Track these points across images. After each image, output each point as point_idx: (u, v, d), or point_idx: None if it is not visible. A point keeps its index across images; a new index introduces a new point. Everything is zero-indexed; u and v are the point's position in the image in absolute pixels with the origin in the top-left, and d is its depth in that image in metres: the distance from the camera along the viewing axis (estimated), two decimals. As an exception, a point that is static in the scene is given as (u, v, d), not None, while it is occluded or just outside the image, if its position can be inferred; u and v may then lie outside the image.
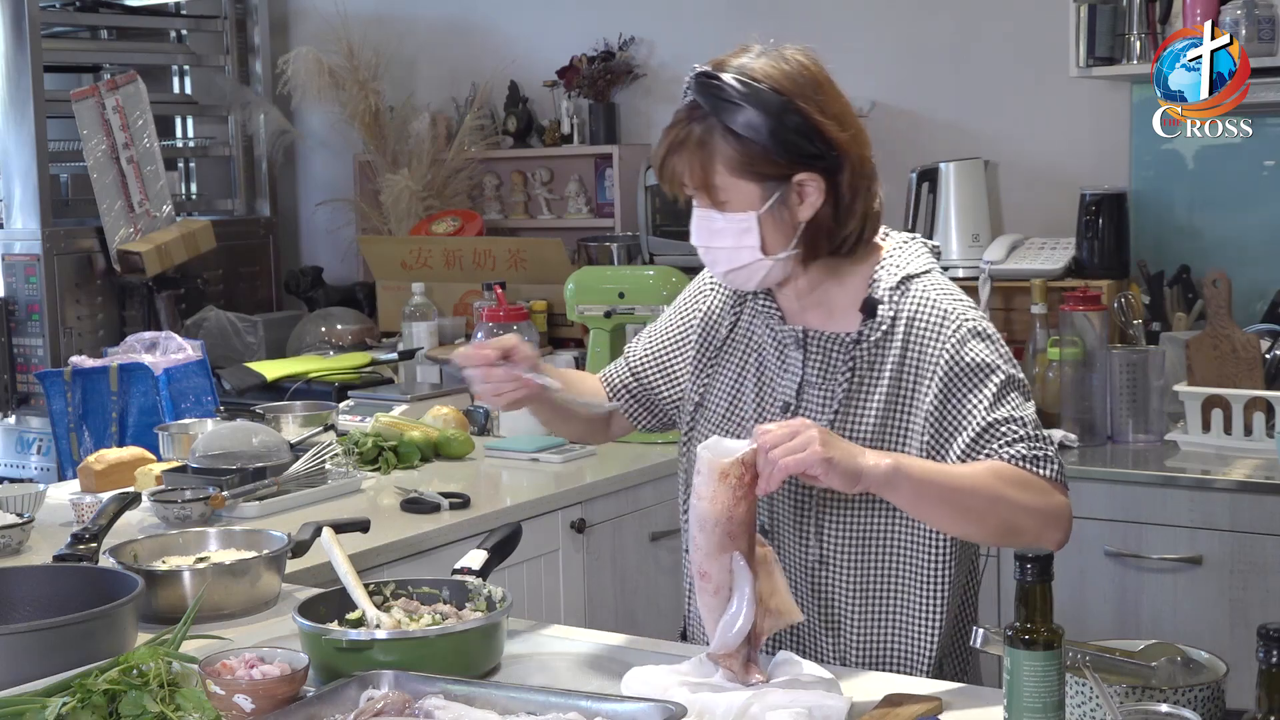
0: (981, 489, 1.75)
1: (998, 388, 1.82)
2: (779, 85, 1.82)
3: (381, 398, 3.74)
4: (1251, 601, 2.94)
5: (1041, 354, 3.49)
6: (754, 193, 1.83)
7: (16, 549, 2.48)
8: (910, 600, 1.89)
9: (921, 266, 1.94)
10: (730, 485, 1.66)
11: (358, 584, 1.88)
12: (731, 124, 1.80)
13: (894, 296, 1.89)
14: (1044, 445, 1.82)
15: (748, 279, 1.90)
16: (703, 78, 1.83)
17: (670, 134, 1.85)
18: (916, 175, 3.82)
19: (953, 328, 1.85)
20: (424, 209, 4.68)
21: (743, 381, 1.97)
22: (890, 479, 1.70)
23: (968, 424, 1.81)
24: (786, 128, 1.81)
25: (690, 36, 4.39)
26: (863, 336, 1.88)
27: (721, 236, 1.86)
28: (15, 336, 4.48)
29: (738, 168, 1.82)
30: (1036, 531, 1.78)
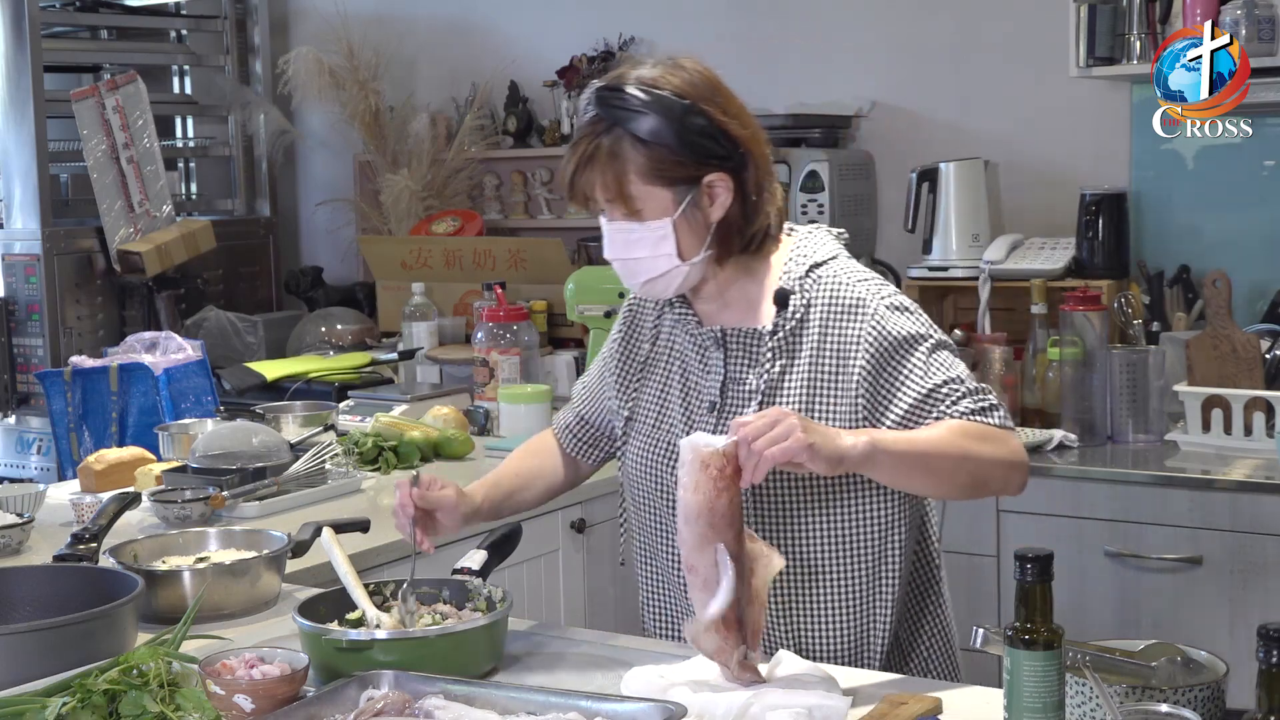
0: (949, 449, 1.81)
1: (927, 353, 1.89)
2: (680, 90, 1.86)
3: (381, 398, 3.74)
4: (1251, 601, 2.95)
5: (1041, 354, 3.49)
6: (667, 198, 1.86)
7: (16, 549, 2.48)
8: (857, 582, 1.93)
9: (828, 253, 1.98)
10: (711, 476, 1.66)
11: (358, 584, 1.89)
12: (639, 132, 1.83)
13: (804, 285, 1.93)
14: (985, 395, 1.88)
15: (666, 286, 1.93)
16: (604, 91, 1.87)
17: (577, 150, 1.87)
18: (916, 175, 3.82)
19: (870, 307, 1.90)
20: (424, 209, 4.68)
21: (668, 390, 2.01)
22: (870, 455, 1.74)
23: (905, 393, 1.86)
24: (692, 130, 1.85)
25: (690, 36, 4.39)
26: (778, 327, 1.92)
27: (638, 247, 1.89)
28: (15, 336, 4.48)
29: (649, 175, 1.85)
30: (1003, 479, 1.86)
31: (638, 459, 2.02)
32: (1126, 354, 3.32)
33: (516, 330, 3.62)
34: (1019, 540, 3.13)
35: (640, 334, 2.07)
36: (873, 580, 1.94)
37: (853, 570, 1.94)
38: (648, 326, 2.06)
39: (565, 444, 2.20)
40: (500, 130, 4.73)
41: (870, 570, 1.94)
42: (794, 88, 4.18)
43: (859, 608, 1.95)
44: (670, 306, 2.02)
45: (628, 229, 1.89)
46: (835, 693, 1.67)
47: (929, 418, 1.85)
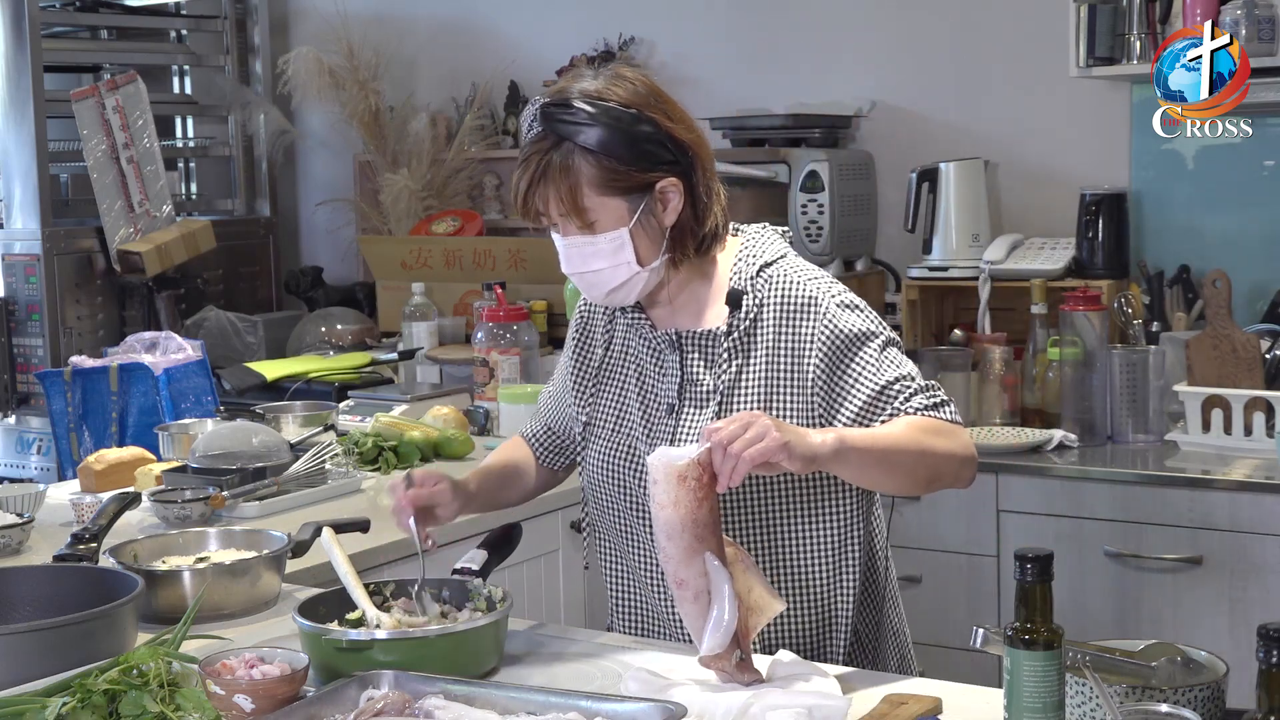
0: (910, 445, 1.83)
1: (878, 350, 1.90)
2: (625, 100, 1.88)
3: (381, 398, 3.74)
4: (1251, 601, 2.95)
5: (1041, 354, 3.49)
6: (621, 208, 1.88)
7: (16, 549, 2.48)
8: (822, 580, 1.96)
9: (777, 253, 2.00)
10: (690, 487, 1.66)
11: (358, 584, 1.89)
12: (589, 144, 1.85)
13: (755, 285, 1.95)
14: (935, 392, 1.91)
15: (627, 295, 1.95)
16: (550, 108, 1.89)
17: (528, 168, 1.89)
18: (916, 175, 3.82)
19: (822, 306, 1.92)
20: (424, 209, 4.68)
21: (625, 394, 2.02)
22: (840, 452, 1.75)
23: (858, 389, 1.89)
24: (640, 138, 1.87)
25: (690, 36, 4.39)
26: (733, 328, 1.94)
27: (596, 259, 1.90)
28: (15, 336, 4.47)
29: (602, 186, 1.87)
30: (954, 473, 1.89)
31: (598, 463, 2.04)
32: (1126, 354, 3.32)
33: (516, 330, 3.62)
34: (1019, 540, 3.13)
35: (593, 340, 2.09)
36: (834, 575, 1.97)
37: (816, 565, 1.97)
38: (599, 333, 2.08)
39: (535, 452, 2.23)
40: (500, 130, 4.73)
41: (832, 565, 1.97)
42: (794, 88, 4.18)
43: (823, 603, 1.97)
44: (622, 312, 2.04)
45: (583, 242, 1.90)
46: (835, 692, 1.67)
47: (883, 414, 1.88)
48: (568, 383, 2.10)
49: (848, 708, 1.62)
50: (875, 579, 2.05)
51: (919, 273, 3.81)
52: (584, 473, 2.09)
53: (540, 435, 2.22)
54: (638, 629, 2.08)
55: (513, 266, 4.27)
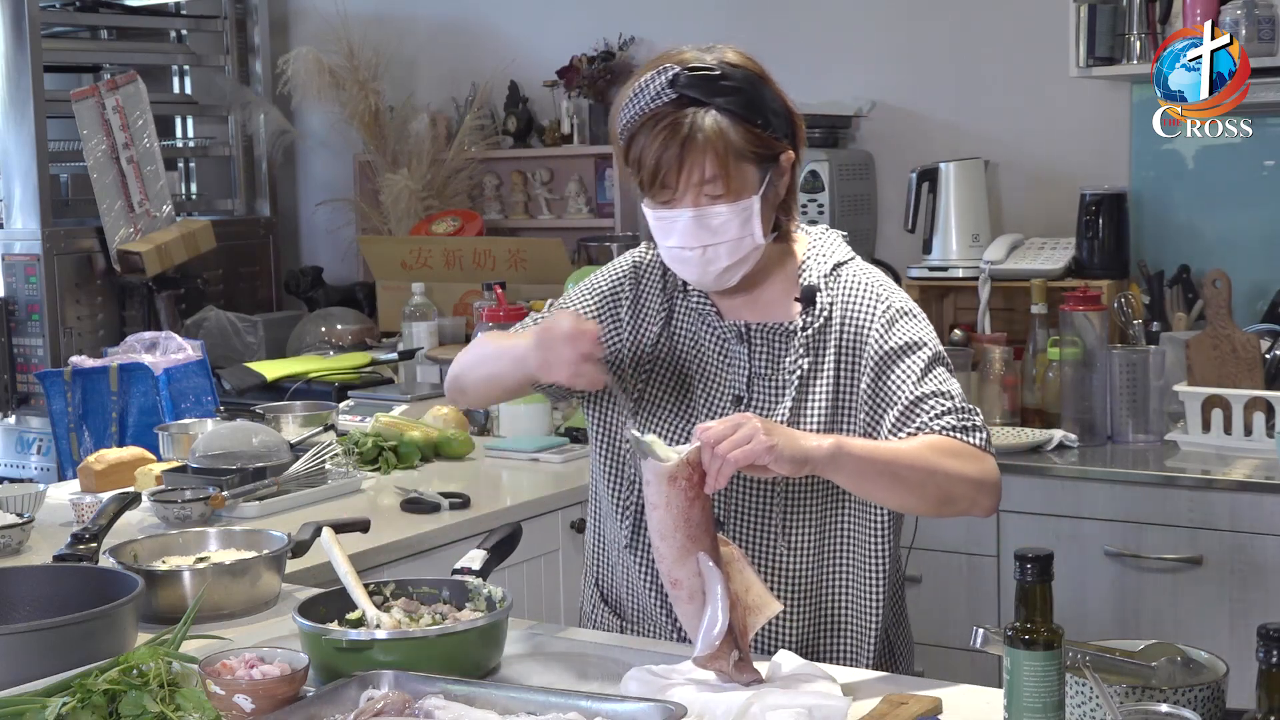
0: (918, 462, 1.79)
1: (925, 363, 1.88)
2: (752, 67, 1.88)
3: (381, 398, 3.74)
4: (1251, 601, 2.95)
5: (1041, 354, 3.49)
6: (754, 176, 1.86)
7: (16, 549, 2.48)
8: (859, 584, 1.95)
9: (846, 254, 2.00)
10: (681, 487, 1.66)
11: (358, 584, 1.88)
12: (734, 109, 1.82)
13: (829, 283, 1.94)
14: (971, 416, 1.87)
15: (736, 273, 1.91)
16: (693, 73, 1.83)
17: (676, 133, 1.81)
18: (916, 175, 3.82)
19: (882, 308, 1.91)
20: (424, 209, 4.68)
21: (688, 380, 1.97)
22: (834, 459, 1.73)
23: (898, 399, 1.86)
24: (772, 107, 1.87)
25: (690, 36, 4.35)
26: (807, 324, 1.92)
27: (726, 229, 1.85)
28: (15, 336, 4.48)
29: (744, 152, 1.84)
30: (970, 499, 1.83)
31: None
32: (1126, 354, 3.32)
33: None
34: (1019, 540, 3.13)
35: (648, 313, 2.01)
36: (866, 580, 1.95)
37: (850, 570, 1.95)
38: (655, 309, 2.00)
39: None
40: (500, 130, 4.74)
41: (866, 570, 1.95)
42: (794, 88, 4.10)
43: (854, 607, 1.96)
44: (684, 295, 1.99)
45: (715, 212, 1.84)
46: (835, 693, 1.67)
47: (909, 427, 1.84)
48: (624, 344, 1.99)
49: (848, 708, 1.62)
50: (899, 583, 2.04)
51: (919, 273, 3.81)
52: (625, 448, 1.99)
53: None
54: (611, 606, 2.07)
55: (513, 266, 4.27)
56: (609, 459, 2.03)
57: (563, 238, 4.44)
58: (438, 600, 1.92)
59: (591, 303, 2.03)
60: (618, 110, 1.89)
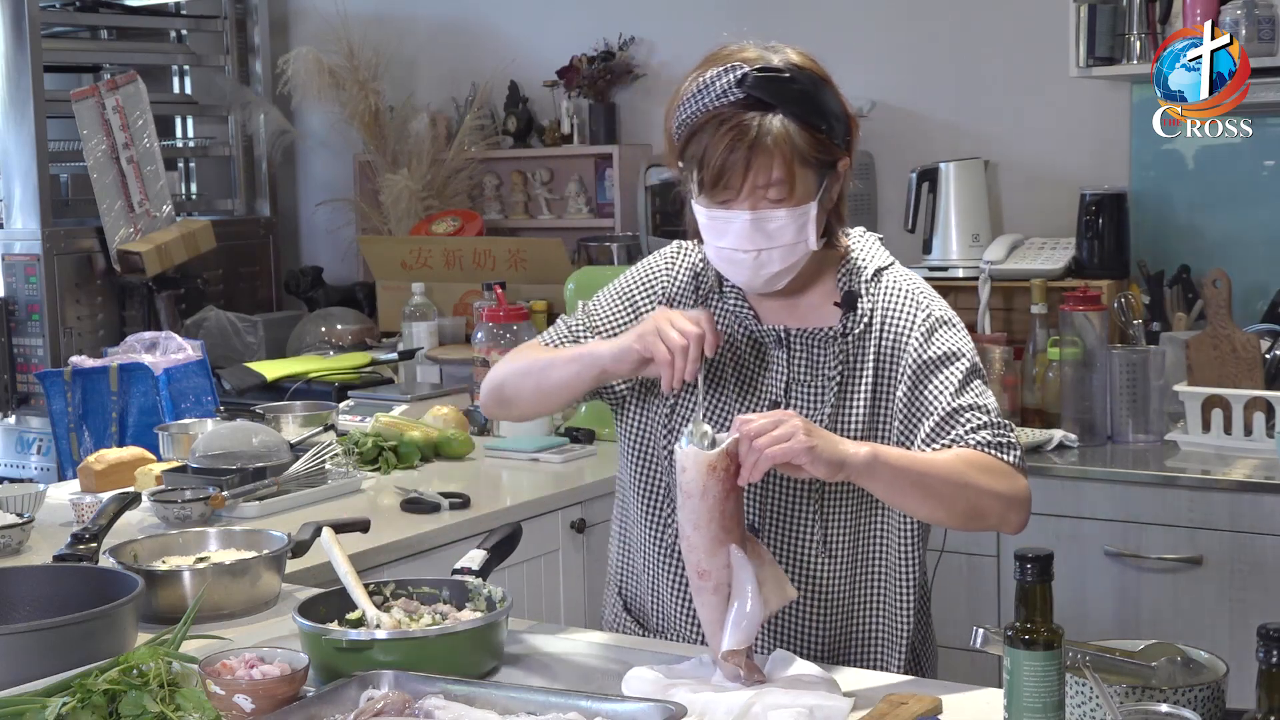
0: (951, 475, 1.78)
1: (963, 375, 1.86)
2: (817, 70, 1.85)
3: (381, 398, 3.74)
4: (1251, 601, 2.95)
5: (1041, 354, 3.49)
6: (814, 181, 1.83)
7: (16, 549, 2.48)
8: (889, 591, 1.94)
9: (887, 259, 1.98)
10: (719, 477, 1.66)
11: (358, 584, 1.88)
12: (801, 115, 1.80)
13: (870, 289, 1.92)
14: (1006, 432, 1.86)
15: (785, 277, 1.88)
16: (762, 74, 1.80)
17: (744, 135, 1.78)
18: (916, 175, 3.82)
19: (922, 315, 1.89)
20: (424, 209, 4.68)
21: (722, 383, 1.95)
22: (870, 466, 1.72)
23: (933, 410, 1.85)
24: (834, 111, 1.84)
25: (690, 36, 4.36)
26: (847, 330, 1.90)
27: (782, 234, 1.83)
28: (15, 336, 4.48)
29: (807, 158, 1.81)
30: (1000, 515, 1.83)
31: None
32: (1126, 354, 3.32)
33: (516, 330, 3.61)
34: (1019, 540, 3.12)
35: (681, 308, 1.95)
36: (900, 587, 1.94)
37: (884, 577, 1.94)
38: (688, 305, 1.97)
39: None
40: (500, 130, 4.74)
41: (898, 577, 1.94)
42: None
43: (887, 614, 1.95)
44: (720, 297, 1.96)
45: (772, 217, 1.81)
46: (836, 693, 1.67)
47: (944, 439, 1.83)
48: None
49: (848, 708, 1.63)
50: (926, 594, 2.03)
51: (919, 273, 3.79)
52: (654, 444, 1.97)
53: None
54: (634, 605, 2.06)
55: (513, 266, 4.27)
56: (640, 467, 2.01)
57: (563, 238, 4.43)
58: (438, 600, 1.92)
59: (621, 308, 2.01)
60: (674, 104, 1.86)
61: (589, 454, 3.26)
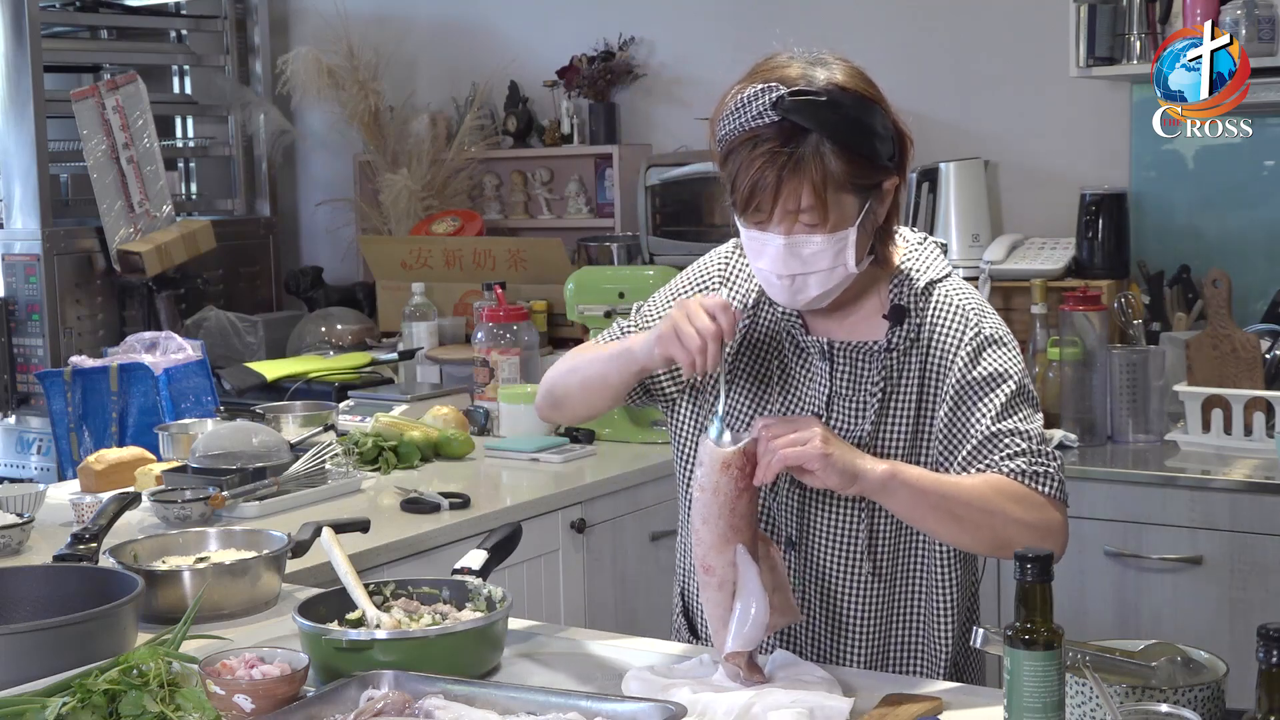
0: (977, 501, 1.75)
1: (1007, 398, 1.81)
2: (866, 91, 1.77)
3: (381, 398, 3.74)
4: (1251, 601, 2.95)
5: (1041, 354, 3.49)
6: (853, 206, 1.76)
7: (16, 549, 2.48)
8: (929, 600, 1.90)
9: (942, 270, 1.90)
10: (733, 475, 1.66)
11: (358, 584, 1.89)
12: (839, 139, 1.72)
13: (919, 303, 1.86)
14: (1046, 461, 1.80)
15: (825, 299, 1.82)
16: (798, 97, 1.72)
17: (775, 160, 1.71)
18: (916, 175, 3.82)
19: (971, 334, 1.83)
20: (424, 209, 4.68)
21: (767, 390, 1.91)
22: (886, 484, 1.70)
23: (973, 433, 1.80)
24: (881, 135, 1.77)
25: (690, 36, 4.39)
26: (892, 345, 1.85)
27: (818, 260, 1.76)
28: (15, 336, 4.48)
29: (845, 183, 1.74)
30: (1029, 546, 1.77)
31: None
32: (1126, 354, 3.32)
33: (516, 330, 3.61)
34: (1019, 540, 3.13)
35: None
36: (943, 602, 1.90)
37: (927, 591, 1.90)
38: (741, 309, 1.92)
39: None
40: (500, 130, 4.74)
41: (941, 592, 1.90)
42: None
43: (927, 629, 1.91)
44: (770, 304, 1.91)
45: (807, 242, 1.75)
46: (836, 693, 1.67)
47: (981, 463, 1.78)
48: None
49: (849, 708, 1.63)
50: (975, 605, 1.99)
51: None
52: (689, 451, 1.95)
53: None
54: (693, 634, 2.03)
55: (513, 266, 4.27)
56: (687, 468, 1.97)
57: (562, 238, 4.43)
58: (438, 600, 1.92)
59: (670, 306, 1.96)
60: (717, 116, 1.79)
61: (589, 454, 3.26)
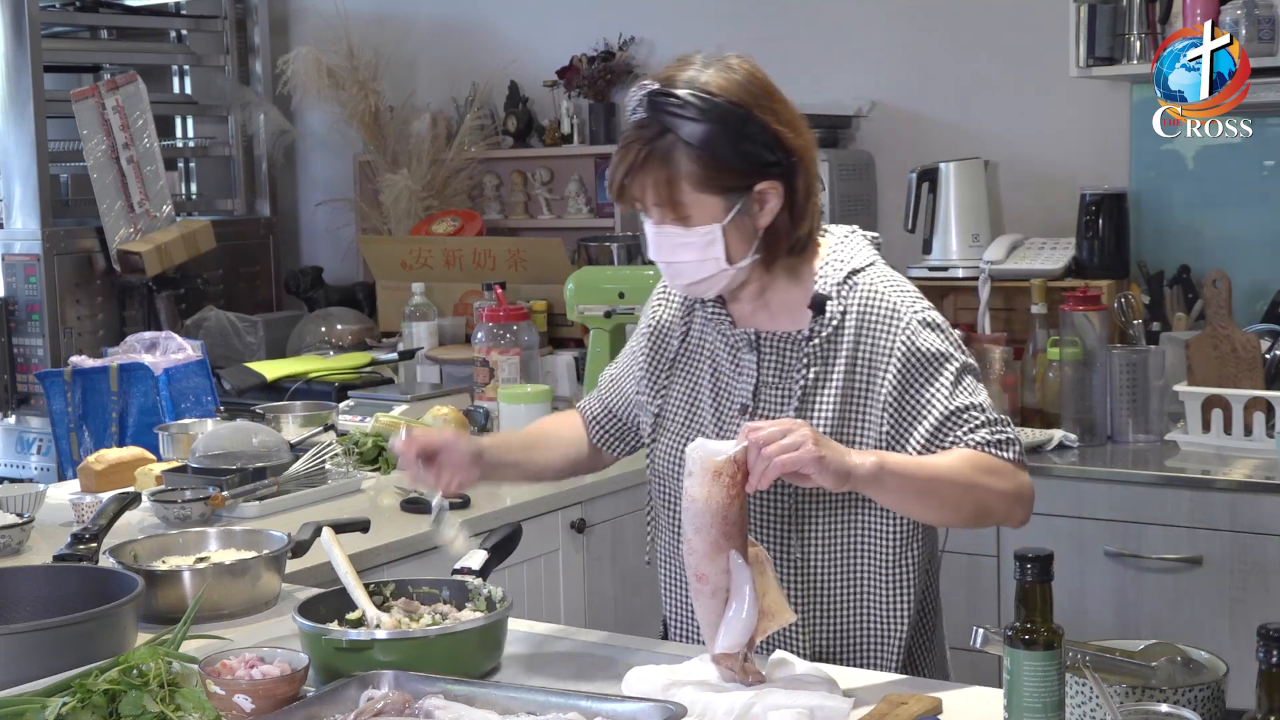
0: (956, 478, 1.80)
1: (954, 375, 1.87)
2: (735, 97, 1.82)
3: (381, 398, 3.74)
4: (1251, 601, 2.95)
5: (1041, 354, 3.49)
6: (717, 205, 1.84)
7: (16, 549, 2.48)
8: (880, 591, 1.93)
9: (865, 260, 1.96)
10: (724, 484, 1.66)
11: (358, 584, 1.89)
12: (692, 140, 1.80)
13: (841, 292, 1.91)
14: (1004, 428, 1.87)
15: (710, 288, 1.91)
16: (657, 95, 1.81)
17: (628, 154, 1.83)
18: (916, 175, 3.82)
19: (904, 320, 1.88)
20: (424, 209, 4.68)
21: (698, 389, 1.98)
22: (877, 476, 1.73)
23: (928, 413, 1.85)
24: (747, 139, 1.82)
25: (690, 36, 4.37)
26: (814, 333, 1.90)
27: (685, 251, 1.86)
28: (15, 336, 4.48)
29: (701, 183, 1.82)
30: (1005, 512, 1.86)
31: (667, 458, 2.00)
32: (1126, 354, 3.32)
33: (516, 330, 3.62)
34: (1019, 540, 3.12)
35: (669, 329, 2.04)
36: (892, 590, 1.93)
37: (876, 575, 1.93)
38: (676, 323, 2.03)
39: (591, 432, 2.16)
40: (500, 130, 4.74)
41: (890, 577, 1.93)
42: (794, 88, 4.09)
43: (878, 617, 1.94)
44: (701, 304, 1.99)
45: (675, 232, 1.85)
46: (836, 693, 1.67)
47: (944, 442, 1.84)
48: (640, 370, 2.05)
49: (849, 708, 1.63)
50: (931, 591, 2.02)
51: (919, 273, 3.80)
52: (651, 466, 2.04)
53: (600, 419, 2.14)
54: (687, 632, 2.04)
55: (513, 266, 4.27)
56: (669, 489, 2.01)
57: (563, 238, 4.43)
58: (438, 600, 1.92)
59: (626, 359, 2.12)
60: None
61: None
